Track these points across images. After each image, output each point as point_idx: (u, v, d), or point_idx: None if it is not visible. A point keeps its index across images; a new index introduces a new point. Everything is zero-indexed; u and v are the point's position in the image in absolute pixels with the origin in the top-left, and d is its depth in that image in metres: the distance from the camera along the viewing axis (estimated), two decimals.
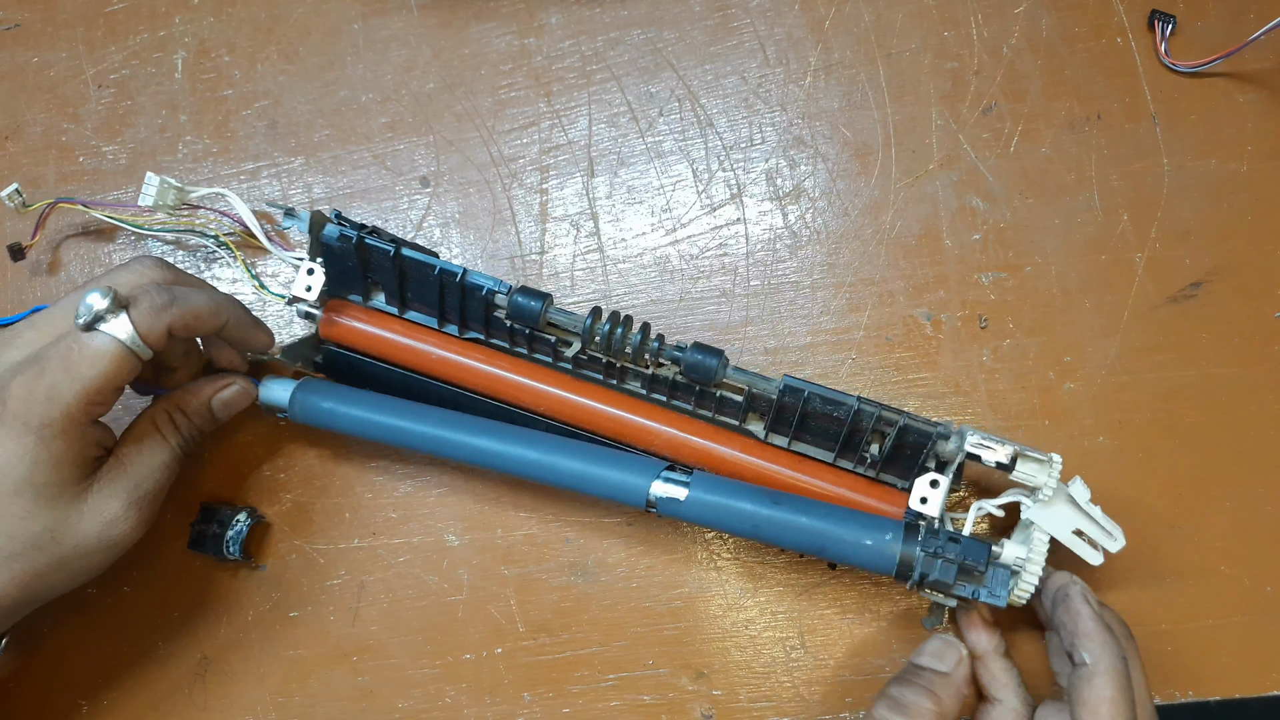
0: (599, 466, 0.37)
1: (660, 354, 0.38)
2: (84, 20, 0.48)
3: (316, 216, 0.39)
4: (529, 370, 0.40)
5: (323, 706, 0.42)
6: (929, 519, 0.36)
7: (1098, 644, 0.33)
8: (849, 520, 0.35)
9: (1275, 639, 0.40)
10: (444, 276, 0.38)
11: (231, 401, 0.39)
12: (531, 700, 0.41)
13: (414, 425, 0.39)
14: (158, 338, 0.34)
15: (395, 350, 0.41)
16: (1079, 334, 0.42)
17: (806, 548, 0.36)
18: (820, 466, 0.39)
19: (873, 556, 0.35)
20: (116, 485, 0.36)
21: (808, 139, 0.45)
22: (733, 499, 0.36)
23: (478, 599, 0.42)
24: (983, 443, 0.35)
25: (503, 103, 0.46)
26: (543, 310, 0.37)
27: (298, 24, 0.48)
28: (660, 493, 0.36)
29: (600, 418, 0.39)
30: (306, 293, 0.40)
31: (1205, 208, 0.43)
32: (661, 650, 0.41)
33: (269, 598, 0.43)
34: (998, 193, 0.44)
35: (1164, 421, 0.42)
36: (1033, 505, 0.35)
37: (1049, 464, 0.35)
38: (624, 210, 0.45)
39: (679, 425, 0.39)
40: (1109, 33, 0.45)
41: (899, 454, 0.37)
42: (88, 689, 0.43)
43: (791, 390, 0.36)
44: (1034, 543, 0.35)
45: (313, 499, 0.43)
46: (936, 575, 0.34)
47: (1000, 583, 0.34)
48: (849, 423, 0.36)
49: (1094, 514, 0.35)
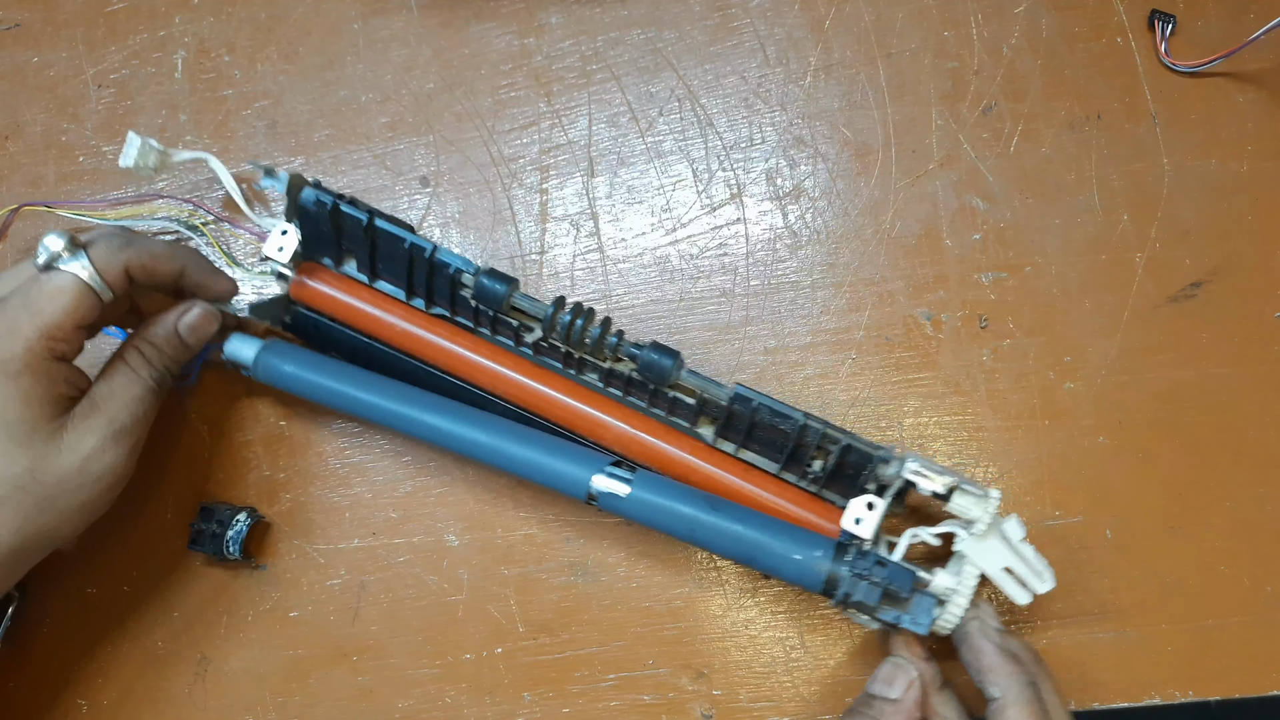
0: (544, 454, 0.38)
1: (618, 349, 0.38)
2: (84, 20, 0.48)
3: (295, 179, 0.39)
4: (489, 352, 0.40)
5: (323, 706, 0.42)
6: (860, 540, 0.36)
7: (1004, 676, 0.34)
8: (782, 533, 0.36)
9: (1275, 639, 0.40)
10: (414, 251, 0.39)
11: (196, 325, 0.39)
12: (531, 700, 0.41)
13: (371, 397, 0.40)
14: (115, 275, 0.36)
15: (361, 318, 0.41)
16: (1079, 334, 0.43)
17: (738, 556, 0.36)
18: (765, 477, 0.39)
19: (800, 572, 0.35)
20: (90, 421, 0.36)
21: (808, 139, 0.45)
22: (672, 501, 0.36)
23: (478, 599, 0.42)
24: (922, 471, 0.35)
25: (503, 103, 0.46)
26: (507, 294, 0.38)
27: (297, 24, 0.48)
28: (602, 487, 0.37)
29: (554, 406, 0.40)
30: (279, 253, 0.41)
31: (1205, 208, 0.43)
32: (661, 650, 0.41)
33: (269, 597, 0.43)
34: (998, 192, 0.44)
35: (1164, 421, 0.42)
36: (967, 538, 0.35)
37: (986, 499, 0.35)
38: (624, 210, 0.45)
39: (631, 421, 0.39)
40: (1109, 32, 0.45)
41: (841, 472, 0.37)
42: (87, 688, 0.43)
43: (741, 399, 0.36)
44: (964, 575, 0.35)
45: (313, 499, 0.43)
46: (860, 597, 0.34)
47: (924, 611, 0.35)
48: (794, 437, 0.36)
49: (1025, 554, 0.35)
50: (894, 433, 0.42)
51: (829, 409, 0.42)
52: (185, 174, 0.46)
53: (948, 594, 0.35)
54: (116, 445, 0.36)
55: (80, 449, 0.36)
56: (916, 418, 0.42)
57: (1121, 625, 0.40)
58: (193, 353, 0.40)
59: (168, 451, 0.44)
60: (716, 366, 0.43)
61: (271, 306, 0.42)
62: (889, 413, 0.42)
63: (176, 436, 0.44)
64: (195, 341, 0.40)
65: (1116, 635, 0.40)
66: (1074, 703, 0.40)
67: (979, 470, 0.42)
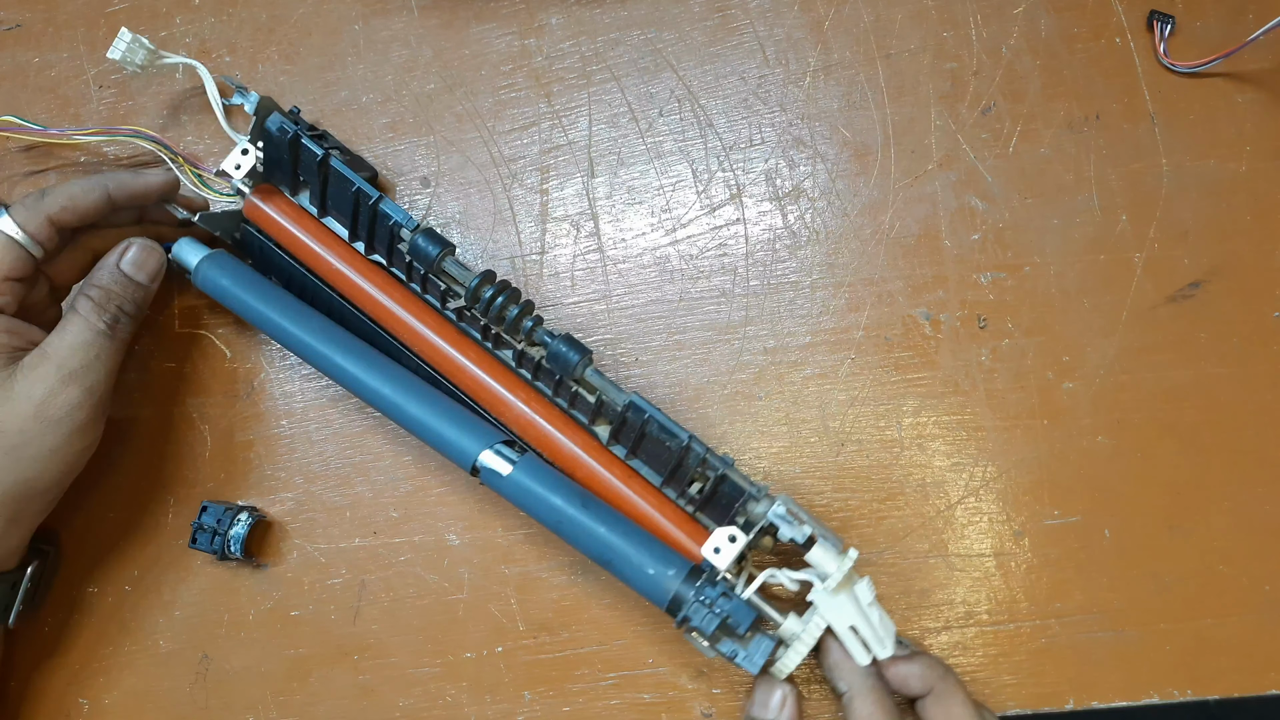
0: (441, 419, 0.39)
1: (532, 333, 0.38)
2: (85, 20, 0.48)
3: (265, 102, 0.40)
4: (414, 308, 0.41)
5: (324, 705, 0.42)
6: (714, 569, 0.36)
7: (848, 670, 0.36)
8: (642, 545, 0.36)
9: (1273, 638, 0.40)
10: (359, 196, 0.39)
11: (138, 260, 0.40)
12: (532, 699, 0.41)
13: (293, 327, 0.41)
14: (38, 225, 0.37)
15: (303, 250, 0.42)
16: (1078, 334, 0.43)
17: (597, 557, 0.37)
18: (646, 486, 0.39)
19: (650, 585, 0.36)
20: (40, 369, 0.37)
21: (807, 139, 0.45)
22: (548, 490, 0.37)
23: (478, 598, 0.42)
24: (787, 515, 0.36)
25: (503, 103, 0.46)
26: (439, 257, 0.38)
27: (298, 24, 0.48)
28: (487, 462, 0.38)
29: (463, 373, 0.40)
30: (235, 170, 0.41)
31: (1204, 208, 0.43)
32: (661, 649, 0.41)
33: (270, 596, 0.43)
34: (997, 193, 0.44)
35: (1162, 421, 0.42)
36: (820, 590, 0.36)
37: (842, 557, 0.36)
38: (624, 210, 0.45)
39: (532, 404, 0.40)
40: (1108, 33, 0.45)
41: (716, 499, 0.38)
42: (89, 687, 0.43)
43: (635, 408, 0.37)
44: (810, 626, 0.36)
45: (314, 498, 0.44)
46: (698, 623, 0.35)
47: (760, 651, 0.35)
48: (678, 455, 0.37)
49: (871, 617, 0.36)
50: (893, 433, 0.42)
51: (828, 408, 0.43)
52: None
53: (792, 638, 0.36)
54: (68, 388, 0.37)
55: (33, 395, 0.36)
56: (915, 417, 0.42)
57: (1120, 624, 0.40)
58: (147, 290, 0.40)
59: (169, 451, 0.44)
60: (716, 366, 0.43)
61: (224, 219, 0.43)
62: (888, 412, 0.42)
63: (178, 436, 0.44)
64: (145, 277, 0.40)
65: (1115, 634, 0.40)
66: (1073, 702, 0.40)
67: (978, 469, 0.42)
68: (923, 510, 0.42)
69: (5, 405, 0.36)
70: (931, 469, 0.42)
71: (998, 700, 0.40)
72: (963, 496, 0.42)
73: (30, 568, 0.40)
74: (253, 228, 0.43)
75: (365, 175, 0.41)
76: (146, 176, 0.40)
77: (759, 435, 0.43)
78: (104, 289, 0.39)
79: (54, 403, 0.36)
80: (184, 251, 0.42)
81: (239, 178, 0.41)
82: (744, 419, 0.43)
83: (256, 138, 0.41)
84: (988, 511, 0.42)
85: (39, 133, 0.45)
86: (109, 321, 0.38)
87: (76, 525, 0.44)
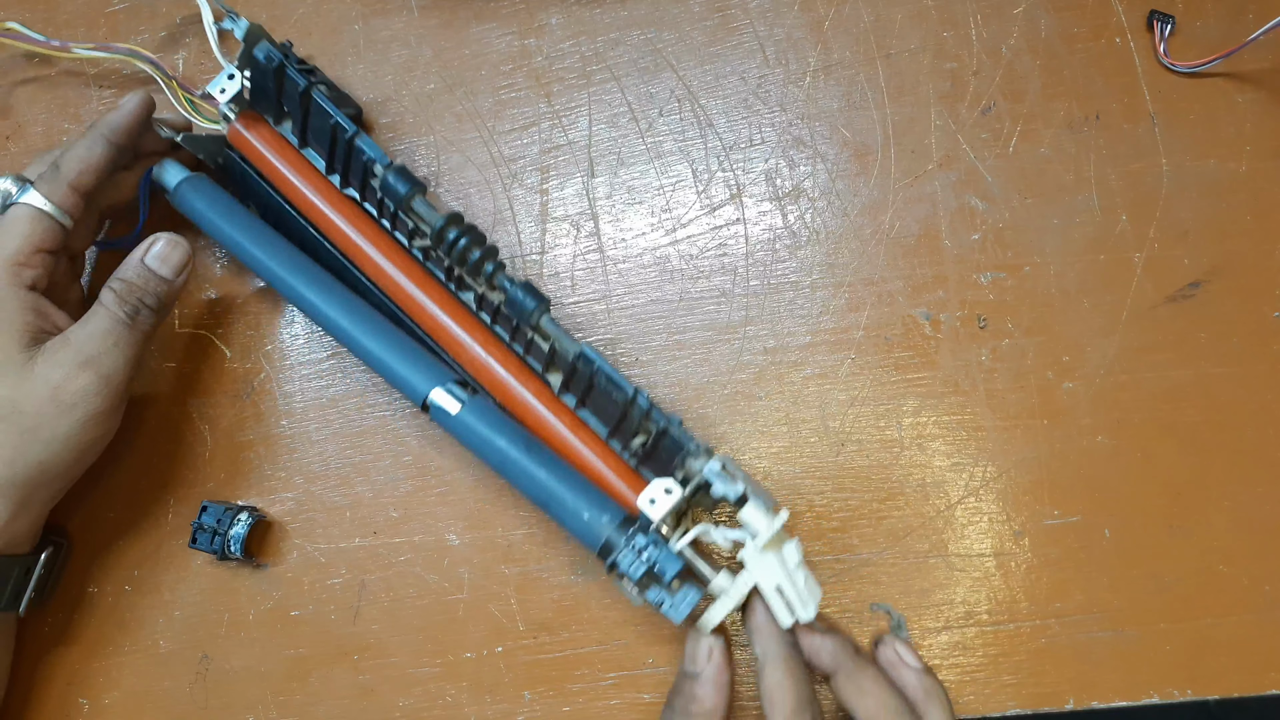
0: (396, 353, 0.40)
1: (493, 277, 0.38)
2: (85, 20, 0.48)
3: (254, 29, 0.40)
4: (383, 244, 0.41)
5: (324, 705, 0.42)
6: (648, 519, 0.36)
7: (764, 636, 0.36)
8: (581, 491, 0.37)
9: (1273, 638, 0.40)
10: (337, 130, 0.39)
11: (164, 254, 0.40)
12: (532, 699, 0.41)
13: (261, 254, 0.41)
14: (63, 195, 0.39)
15: (280, 179, 0.42)
16: (1078, 334, 0.43)
17: (536, 499, 0.38)
18: (593, 437, 0.40)
19: (584, 530, 0.36)
20: (60, 353, 0.37)
21: (807, 139, 0.45)
22: (493, 431, 0.38)
23: (478, 598, 0.42)
24: (720, 472, 0.36)
25: (503, 103, 0.46)
26: (409, 195, 0.38)
27: (298, 24, 0.48)
28: (437, 400, 0.39)
29: (424, 313, 0.41)
30: (220, 94, 0.42)
31: (1204, 207, 0.43)
32: (662, 649, 0.41)
33: (270, 596, 0.43)
34: (996, 193, 0.44)
35: (1162, 421, 0.42)
36: (751, 548, 0.36)
37: (771, 516, 0.36)
38: (624, 210, 0.45)
39: (489, 348, 0.40)
40: (1108, 33, 0.45)
41: (657, 454, 0.38)
42: (89, 687, 0.43)
43: (585, 359, 0.37)
44: (738, 582, 0.36)
45: (314, 498, 0.44)
46: (625, 568, 0.35)
47: (685, 601, 0.35)
48: (623, 407, 0.37)
49: (796, 579, 0.36)
50: (893, 432, 0.42)
51: (828, 408, 0.43)
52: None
53: (720, 593, 0.36)
54: (84, 373, 0.37)
55: (50, 378, 0.37)
56: (915, 417, 0.42)
57: (1120, 624, 0.40)
58: (171, 284, 0.40)
59: (169, 451, 0.44)
60: (716, 366, 0.43)
61: (207, 142, 0.43)
62: (888, 412, 0.42)
63: (178, 436, 0.44)
64: (169, 271, 0.40)
65: (1115, 634, 0.40)
66: (1073, 702, 0.40)
67: (978, 469, 0.42)
68: (923, 510, 0.42)
69: (24, 386, 0.37)
70: (931, 469, 0.42)
71: (998, 700, 0.40)
72: (963, 496, 0.42)
73: (45, 554, 0.41)
74: (235, 154, 0.43)
75: (349, 112, 0.42)
76: (124, 105, 0.41)
77: (759, 435, 0.43)
78: (127, 281, 0.39)
79: (69, 387, 0.37)
80: (166, 173, 0.43)
81: (224, 102, 0.42)
82: (744, 419, 0.43)
83: (244, 65, 0.41)
84: (988, 511, 0.42)
85: (41, 43, 0.45)
86: (129, 312, 0.39)
87: (76, 524, 0.44)
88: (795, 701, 0.34)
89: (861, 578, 0.41)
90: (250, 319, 0.45)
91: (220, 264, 0.46)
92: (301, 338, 0.45)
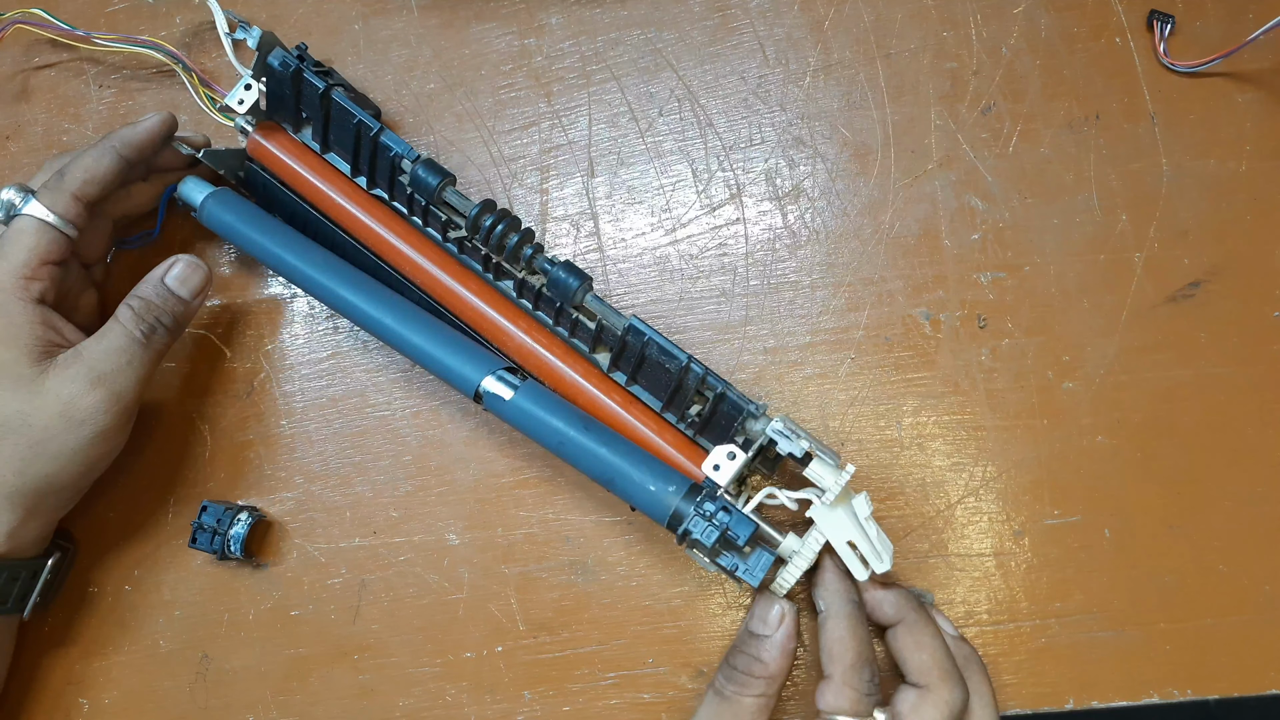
0: (444, 347, 0.39)
1: (532, 260, 0.38)
2: (84, 20, 0.48)
3: (267, 37, 0.40)
4: (416, 241, 0.42)
5: (324, 705, 0.42)
6: (714, 485, 0.36)
7: (830, 591, 0.37)
8: (643, 464, 0.37)
9: (1273, 638, 0.40)
10: (360, 128, 0.40)
11: (183, 275, 0.40)
12: (532, 698, 0.41)
13: (297, 262, 0.41)
14: (66, 205, 0.38)
15: (306, 186, 0.43)
16: (1078, 333, 0.43)
17: (600, 477, 0.37)
18: (646, 411, 0.40)
19: (651, 502, 0.36)
20: (73, 369, 0.37)
21: (807, 139, 0.45)
22: (550, 413, 0.38)
23: (478, 597, 0.42)
24: (784, 431, 0.36)
25: (503, 103, 0.46)
26: (439, 186, 0.38)
27: (298, 24, 0.48)
28: (490, 388, 0.38)
29: (464, 304, 0.41)
30: (238, 105, 0.42)
31: (1204, 207, 0.43)
32: (661, 648, 0.41)
33: (270, 596, 0.43)
34: (996, 192, 0.44)
35: (1162, 421, 0.42)
36: (819, 506, 0.36)
37: (840, 471, 0.36)
38: (624, 210, 0.45)
39: (533, 334, 0.40)
40: (1108, 33, 0.45)
41: (715, 420, 0.38)
42: (89, 687, 0.43)
43: (635, 331, 0.37)
44: (808, 541, 0.36)
45: (313, 498, 0.44)
46: (698, 535, 0.35)
47: (760, 565, 0.35)
48: (677, 376, 0.37)
49: (869, 531, 0.36)
50: (893, 432, 0.42)
51: (828, 408, 0.43)
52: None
53: (791, 555, 0.36)
54: (95, 391, 0.37)
55: (61, 393, 0.37)
56: (915, 417, 0.42)
57: (1120, 624, 0.40)
58: (188, 305, 0.41)
59: (169, 451, 0.44)
60: (716, 366, 0.43)
61: (228, 157, 0.44)
62: (888, 412, 0.42)
63: (178, 436, 0.44)
64: (187, 292, 0.40)
65: (1115, 634, 0.40)
66: (1073, 702, 0.40)
67: (978, 469, 0.42)
68: (923, 510, 0.42)
69: (35, 400, 0.37)
70: (931, 469, 0.42)
71: (998, 700, 0.40)
72: (963, 496, 0.42)
73: (51, 559, 0.41)
74: (256, 165, 0.43)
75: (369, 112, 0.41)
76: (144, 122, 0.41)
77: None
78: (146, 300, 0.39)
79: (81, 404, 0.37)
80: (189, 189, 0.43)
81: (242, 114, 0.42)
82: None
83: (259, 73, 0.41)
84: (988, 511, 0.42)
85: (65, 32, 0.45)
86: (145, 330, 0.39)
87: (76, 524, 0.44)
88: (855, 657, 0.35)
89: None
90: (250, 319, 0.45)
91: (221, 265, 0.46)
92: (301, 338, 0.45)
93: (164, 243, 0.45)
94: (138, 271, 0.40)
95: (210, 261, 0.46)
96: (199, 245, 0.46)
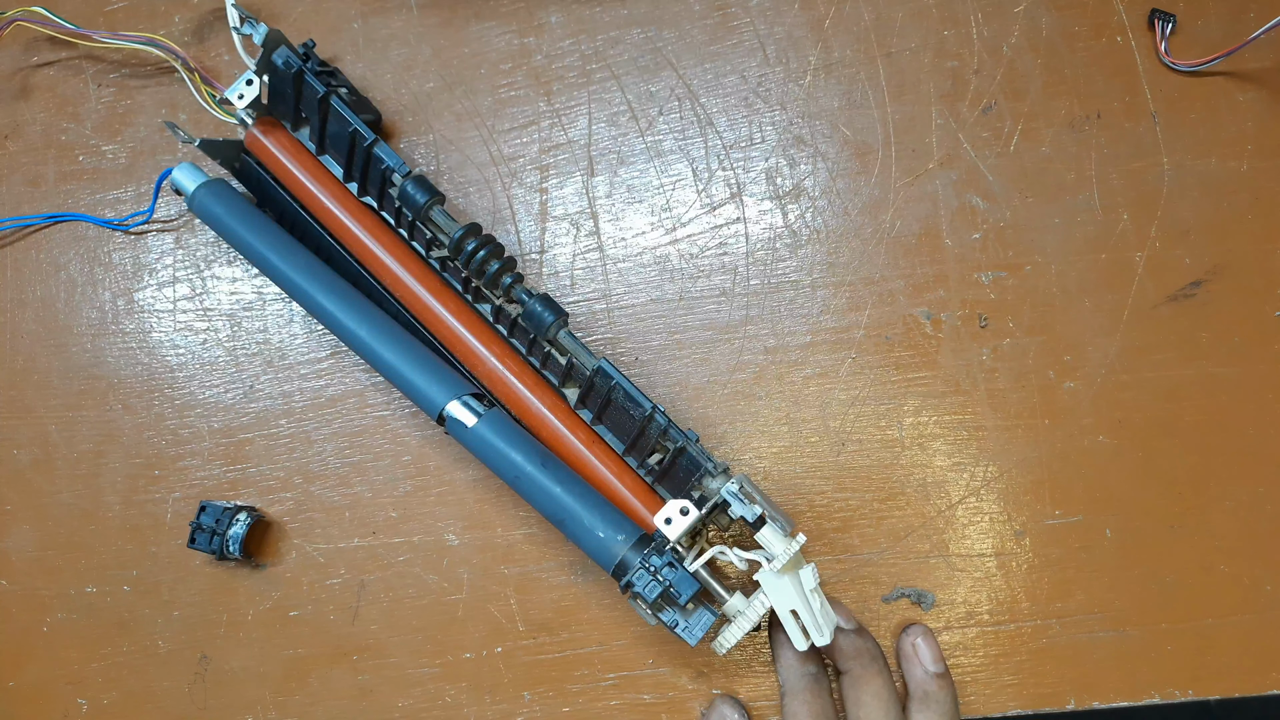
0: (414, 365, 0.39)
1: (511, 290, 0.38)
2: (84, 19, 0.48)
3: (273, 35, 0.40)
4: (400, 254, 0.41)
5: (323, 705, 0.42)
6: (664, 539, 0.36)
7: (786, 668, 0.38)
8: (595, 509, 0.37)
9: (1274, 638, 0.40)
10: (356, 137, 0.39)
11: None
12: (532, 699, 0.41)
13: (279, 262, 0.41)
14: None
15: (297, 186, 0.42)
16: (1079, 333, 0.43)
17: (550, 515, 0.37)
18: (609, 452, 0.39)
19: (598, 548, 0.36)
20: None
21: (807, 138, 0.45)
22: (509, 445, 0.38)
23: (478, 598, 0.42)
24: (738, 494, 0.35)
25: (502, 102, 0.46)
26: (425, 205, 0.38)
27: (297, 23, 0.48)
28: (454, 413, 0.38)
29: (441, 324, 0.41)
30: (238, 100, 0.42)
31: (1205, 207, 0.43)
32: (661, 649, 0.41)
33: (269, 597, 0.43)
34: (997, 192, 0.44)
35: (1164, 420, 0.42)
36: (767, 571, 0.36)
37: (790, 540, 0.36)
38: (624, 209, 0.45)
39: (505, 361, 0.40)
40: (1109, 32, 0.45)
41: (674, 472, 0.38)
42: (88, 688, 0.43)
43: (603, 374, 0.37)
44: (753, 605, 0.36)
45: (313, 498, 0.43)
46: (640, 588, 0.35)
47: (700, 624, 0.35)
48: (640, 424, 0.37)
49: (813, 603, 0.36)
50: (893, 432, 0.42)
51: (829, 408, 0.42)
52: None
53: (736, 614, 0.36)
54: None
55: None
56: (916, 417, 0.42)
57: (1121, 624, 0.40)
58: None
59: (167, 450, 0.44)
60: (716, 366, 0.43)
61: (224, 148, 0.43)
62: (888, 412, 0.42)
63: (177, 436, 0.44)
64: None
65: (1116, 634, 0.40)
66: (1074, 702, 0.40)
67: (979, 469, 0.42)
68: (924, 510, 0.42)
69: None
70: (932, 468, 0.42)
71: (998, 700, 0.40)
72: (964, 496, 0.42)
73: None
74: (252, 159, 0.43)
75: (368, 118, 0.41)
76: None
77: (759, 435, 0.43)
78: None
79: None
80: (183, 177, 0.43)
81: (242, 107, 0.42)
82: (744, 419, 0.43)
83: (263, 70, 0.41)
84: (989, 511, 0.41)
85: (67, 30, 0.45)
86: None
87: (75, 524, 0.44)
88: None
89: (862, 577, 0.41)
90: (250, 318, 0.45)
91: (219, 261, 0.46)
92: (301, 337, 0.45)
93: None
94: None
95: (208, 255, 0.46)
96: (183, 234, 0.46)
